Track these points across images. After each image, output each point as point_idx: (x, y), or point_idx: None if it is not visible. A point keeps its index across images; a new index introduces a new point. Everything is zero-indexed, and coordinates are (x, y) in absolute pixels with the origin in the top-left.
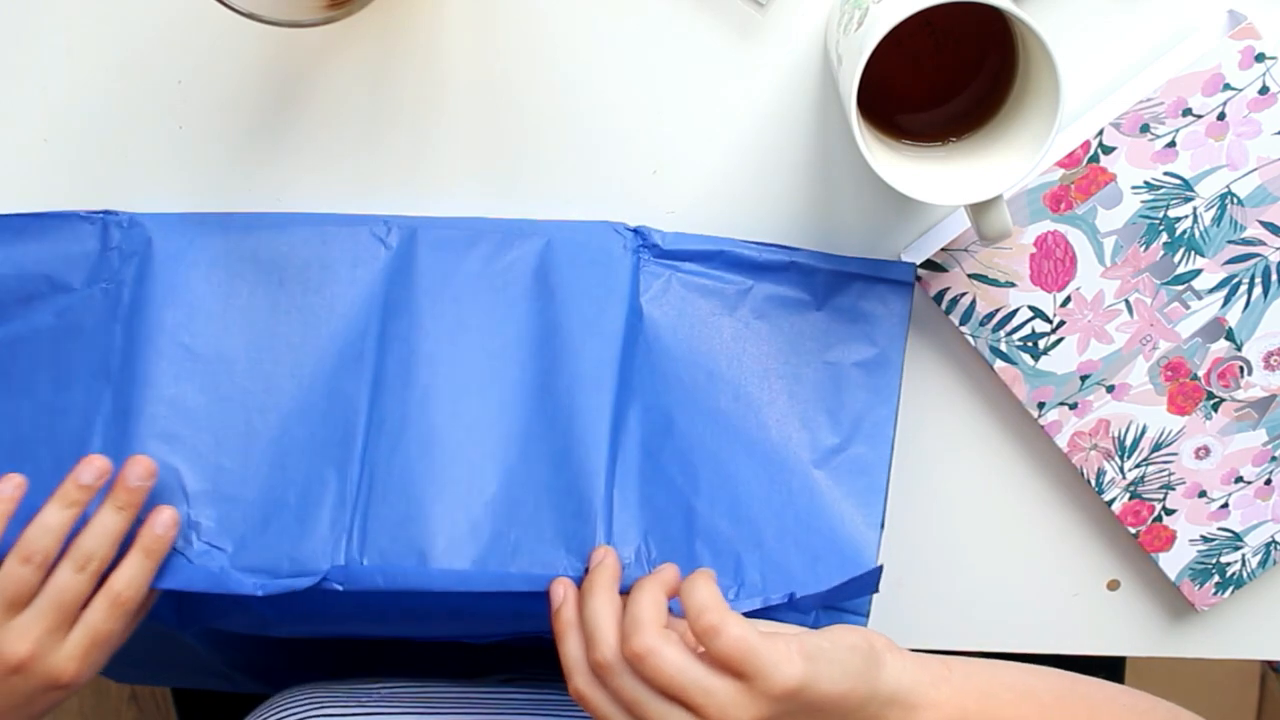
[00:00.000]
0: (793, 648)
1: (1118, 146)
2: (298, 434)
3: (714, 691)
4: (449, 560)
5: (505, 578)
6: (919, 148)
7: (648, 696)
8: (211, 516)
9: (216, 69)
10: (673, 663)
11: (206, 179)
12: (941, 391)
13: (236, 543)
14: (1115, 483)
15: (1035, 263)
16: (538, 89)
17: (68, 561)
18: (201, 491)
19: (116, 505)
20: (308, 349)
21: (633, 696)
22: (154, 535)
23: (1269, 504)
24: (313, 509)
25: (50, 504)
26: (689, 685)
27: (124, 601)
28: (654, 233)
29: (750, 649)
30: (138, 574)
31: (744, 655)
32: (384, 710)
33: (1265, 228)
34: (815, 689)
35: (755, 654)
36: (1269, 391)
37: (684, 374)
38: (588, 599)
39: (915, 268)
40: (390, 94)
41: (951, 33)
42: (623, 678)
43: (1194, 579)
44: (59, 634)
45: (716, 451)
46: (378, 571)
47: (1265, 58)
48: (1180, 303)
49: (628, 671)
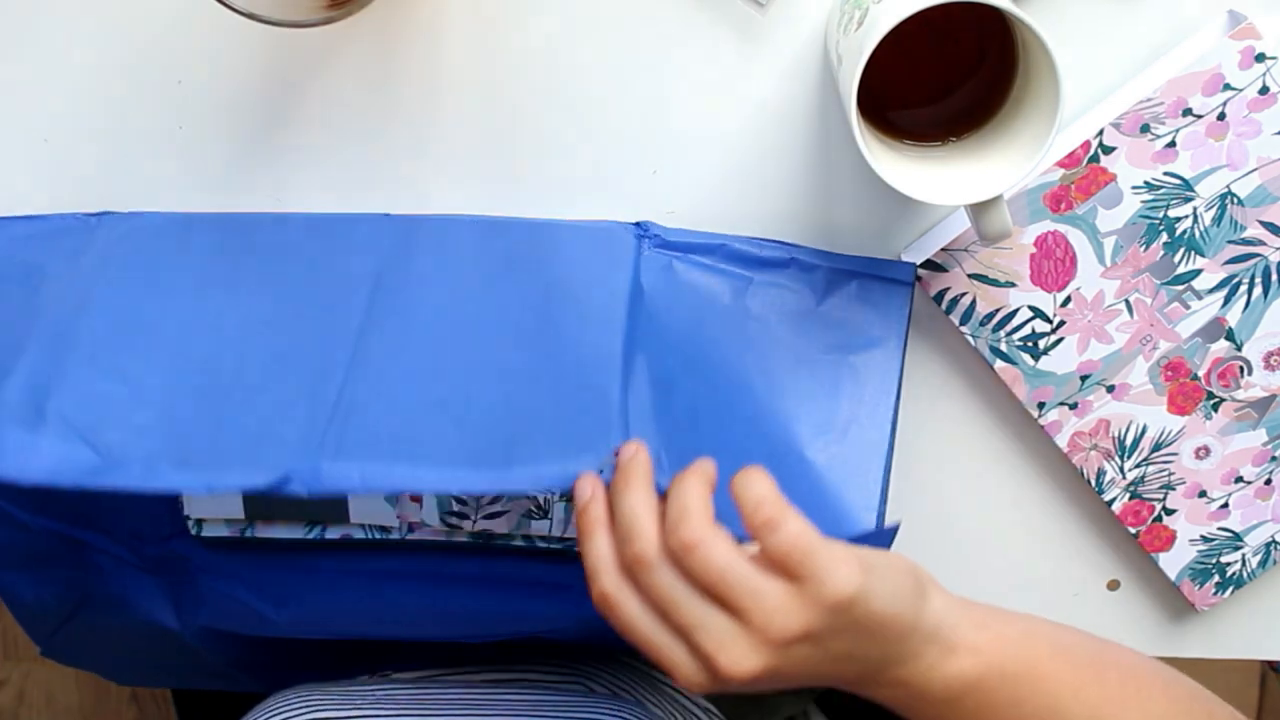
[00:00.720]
0: (852, 554)
1: (1118, 146)
2: (268, 381)
3: (763, 594)
4: (442, 464)
5: (506, 477)
6: (919, 148)
7: (686, 596)
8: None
9: (216, 69)
10: (723, 555)
11: (206, 179)
12: (941, 392)
13: (175, 441)
14: (1115, 483)
15: (1035, 263)
16: (537, 90)
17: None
18: (148, 421)
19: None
20: (289, 319)
21: (669, 596)
22: None
23: (1269, 504)
24: (277, 426)
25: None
26: (737, 583)
27: None
28: (655, 226)
29: (810, 547)
30: None
31: (803, 554)
32: (379, 711)
33: (1265, 228)
34: (868, 604)
35: (815, 554)
36: (1269, 391)
37: (683, 349)
38: (623, 492)
39: (915, 268)
40: (390, 94)
41: (951, 33)
42: (660, 573)
43: (1194, 579)
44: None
45: (716, 420)
46: (354, 470)
47: (1265, 58)
48: (1180, 303)
49: (666, 566)
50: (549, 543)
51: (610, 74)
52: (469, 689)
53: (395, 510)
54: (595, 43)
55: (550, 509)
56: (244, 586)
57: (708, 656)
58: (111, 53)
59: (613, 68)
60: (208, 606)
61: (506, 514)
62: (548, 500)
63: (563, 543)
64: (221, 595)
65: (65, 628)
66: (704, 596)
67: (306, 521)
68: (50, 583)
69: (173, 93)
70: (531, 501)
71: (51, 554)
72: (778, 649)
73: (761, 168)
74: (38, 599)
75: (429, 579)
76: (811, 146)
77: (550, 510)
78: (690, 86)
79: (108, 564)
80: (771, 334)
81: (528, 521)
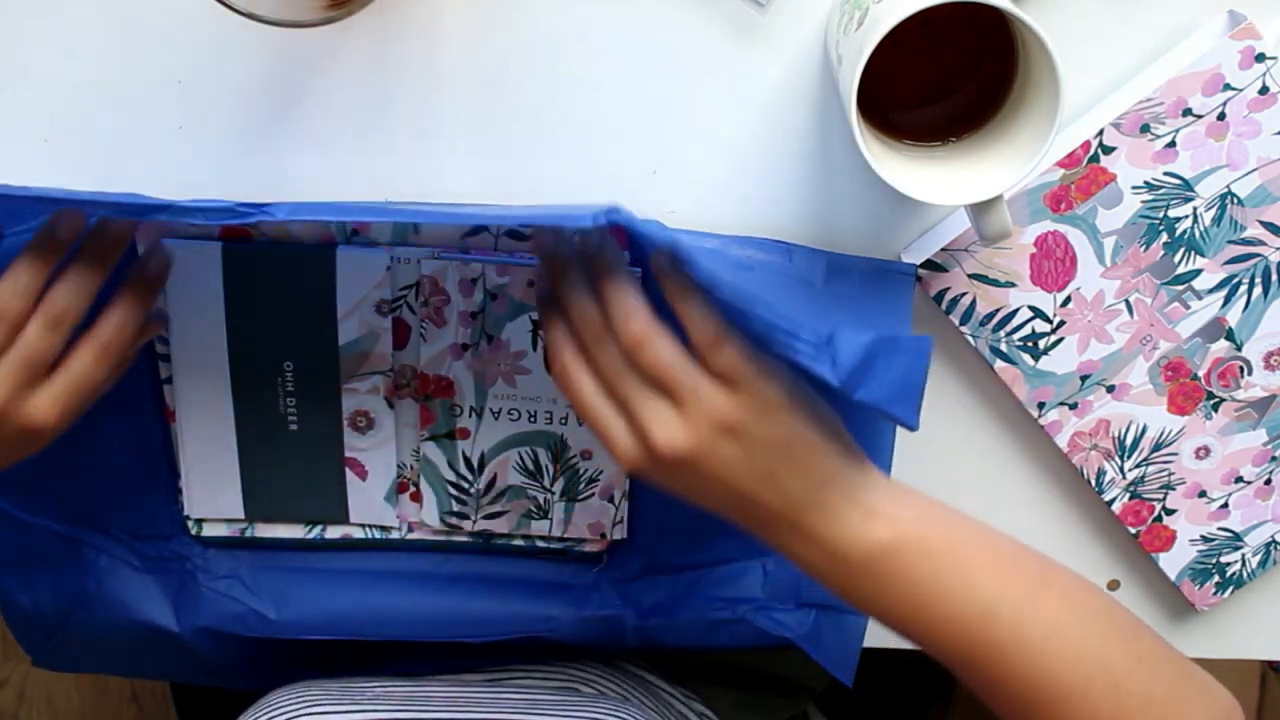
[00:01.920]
0: (788, 380)
1: (1118, 146)
2: None
3: (702, 386)
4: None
5: (506, 217)
6: (919, 148)
7: (632, 377)
8: None
9: (216, 69)
10: (669, 349)
11: (207, 179)
12: (941, 391)
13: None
14: (1115, 483)
15: (1035, 263)
16: (537, 89)
17: (39, 319)
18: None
19: (90, 260)
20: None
21: (617, 372)
22: (144, 278)
23: (1269, 504)
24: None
25: (20, 260)
26: (681, 374)
27: (110, 348)
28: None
29: (754, 365)
30: (125, 319)
31: (747, 366)
32: (376, 708)
33: (1265, 228)
34: (794, 419)
35: (757, 369)
36: (1269, 391)
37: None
38: (580, 287)
39: (915, 268)
40: (389, 94)
41: (951, 32)
42: (612, 353)
43: (1194, 579)
44: (30, 388)
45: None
46: (329, 207)
47: (1265, 58)
48: (1180, 303)
49: (617, 350)
50: (549, 542)
51: (610, 74)
52: (465, 687)
53: (395, 510)
54: (594, 42)
55: (550, 509)
56: (244, 587)
57: (644, 430)
58: (111, 53)
59: (612, 67)
60: (207, 607)
61: (506, 514)
62: (548, 500)
63: (563, 543)
64: (221, 596)
65: (59, 633)
66: (648, 385)
67: (306, 521)
68: (46, 584)
69: (173, 93)
70: (531, 502)
71: (48, 554)
72: (706, 436)
73: (761, 168)
74: (32, 602)
75: (428, 580)
76: (811, 146)
77: (550, 510)
78: (690, 86)
79: (106, 564)
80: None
81: (528, 521)
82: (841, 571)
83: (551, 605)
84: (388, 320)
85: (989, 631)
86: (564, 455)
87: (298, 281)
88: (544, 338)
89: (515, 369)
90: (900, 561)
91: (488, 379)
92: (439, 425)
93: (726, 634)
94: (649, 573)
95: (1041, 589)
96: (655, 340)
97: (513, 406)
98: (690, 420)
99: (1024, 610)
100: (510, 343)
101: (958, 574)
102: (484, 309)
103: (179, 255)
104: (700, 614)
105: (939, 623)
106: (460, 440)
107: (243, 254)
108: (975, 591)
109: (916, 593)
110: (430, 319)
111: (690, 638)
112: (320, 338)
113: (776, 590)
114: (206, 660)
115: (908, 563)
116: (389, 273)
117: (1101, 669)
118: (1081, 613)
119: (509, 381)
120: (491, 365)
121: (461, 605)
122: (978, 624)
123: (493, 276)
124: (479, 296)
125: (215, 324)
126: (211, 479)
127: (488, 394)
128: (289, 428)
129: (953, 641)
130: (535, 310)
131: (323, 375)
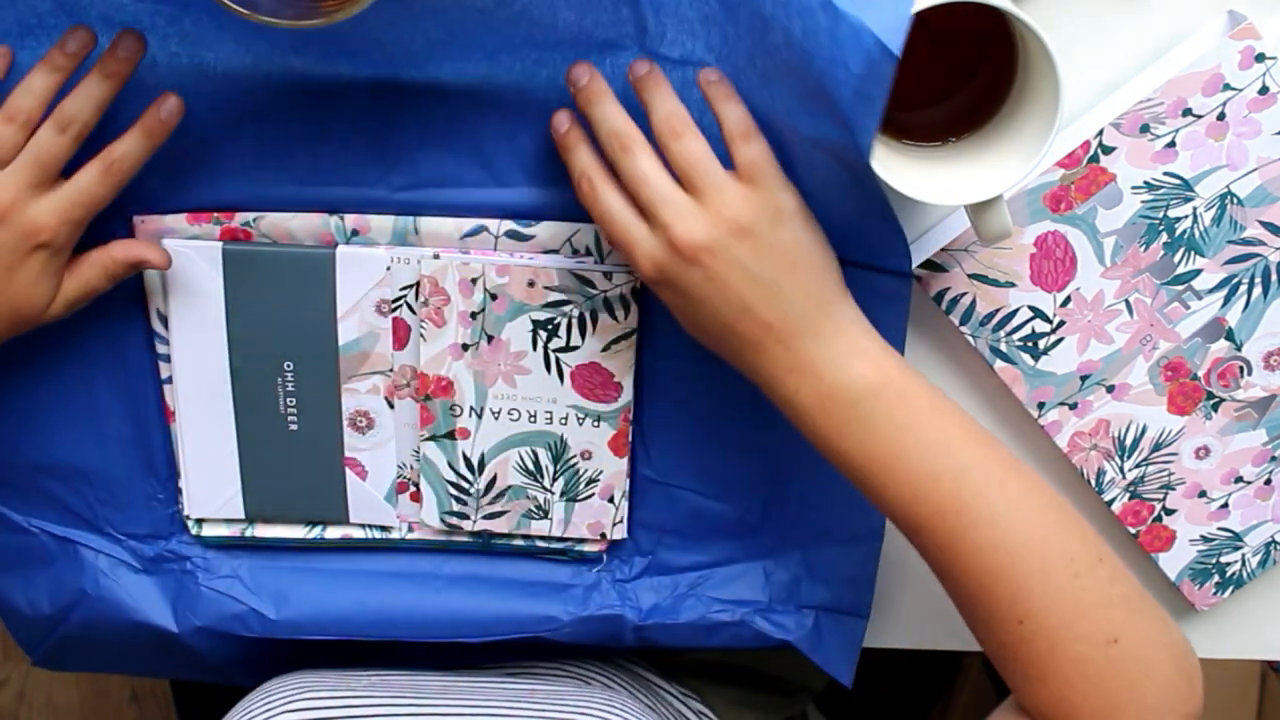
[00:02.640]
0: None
1: (1118, 146)
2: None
3: (726, 185)
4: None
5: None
6: (919, 148)
7: (659, 175)
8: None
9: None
10: (702, 148)
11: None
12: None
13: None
14: (1115, 483)
15: (1035, 263)
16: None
17: (50, 123)
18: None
19: (103, 73)
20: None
21: (646, 172)
22: (158, 119)
23: (1269, 504)
24: None
25: (36, 69)
26: (709, 172)
27: (116, 170)
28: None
29: (773, 167)
30: (134, 149)
31: (766, 167)
32: (372, 697)
33: (1265, 228)
34: (803, 225)
35: (773, 171)
36: (1269, 391)
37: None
38: (601, 100)
39: (912, 274)
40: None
41: (951, 33)
42: (639, 155)
43: (1194, 579)
44: (39, 190)
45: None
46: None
47: (1265, 58)
48: (1180, 303)
49: (646, 151)
50: (549, 543)
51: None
52: (458, 678)
53: (395, 510)
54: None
55: (550, 509)
56: (244, 586)
57: (667, 225)
58: None
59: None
60: (206, 607)
61: (506, 514)
62: (548, 500)
63: (563, 543)
64: (221, 596)
65: (57, 633)
66: (671, 187)
67: (306, 522)
68: (44, 585)
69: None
70: (531, 501)
71: (46, 556)
72: (723, 232)
73: None
74: (30, 603)
75: (428, 580)
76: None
77: (550, 510)
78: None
79: (105, 565)
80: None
81: (528, 521)
82: (829, 407)
83: (551, 606)
84: (388, 320)
85: (959, 492)
86: (564, 455)
87: (298, 282)
88: (568, 166)
89: (515, 369)
90: (880, 404)
91: (488, 379)
92: (439, 425)
93: (726, 635)
94: (649, 574)
95: (1014, 472)
96: (692, 133)
97: (513, 406)
98: (710, 214)
99: (994, 480)
100: (510, 342)
101: (935, 430)
102: (484, 309)
103: (179, 255)
104: (700, 615)
105: (912, 476)
106: (460, 440)
107: (242, 255)
108: (952, 451)
109: (896, 439)
110: (430, 319)
111: (690, 639)
112: (320, 338)
113: (777, 592)
114: (205, 660)
115: (892, 407)
116: (389, 272)
117: (1063, 556)
118: (1048, 502)
119: (509, 381)
120: (491, 365)
121: (461, 606)
122: (950, 483)
123: (493, 276)
124: (479, 296)
125: (215, 324)
126: (211, 479)
127: (488, 393)
128: (289, 428)
129: (922, 499)
130: (535, 309)
131: (323, 375)
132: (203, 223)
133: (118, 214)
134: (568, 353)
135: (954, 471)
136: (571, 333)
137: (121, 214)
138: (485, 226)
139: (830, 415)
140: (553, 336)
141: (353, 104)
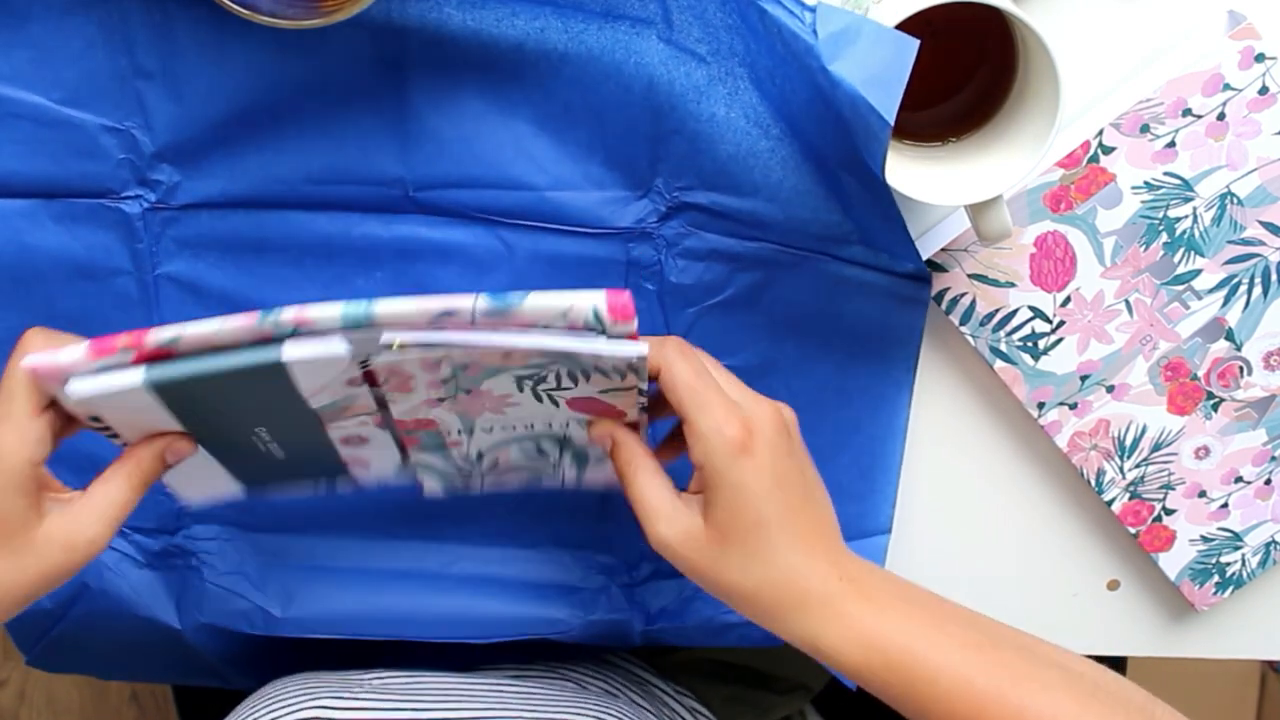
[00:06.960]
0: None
1: (1118, 146)
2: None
3: (765, 401)
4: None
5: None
6: (919, 148)
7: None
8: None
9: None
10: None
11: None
12: (941, 391)
13: None
14: (1115, 483)
15: (1035, 263)
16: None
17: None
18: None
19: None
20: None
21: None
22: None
23: (1269, 504)
24: None
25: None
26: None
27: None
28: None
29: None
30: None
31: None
32: (375, 699)
33: (1265, 228)
34: (799, 448)
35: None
36: (1269, 391)
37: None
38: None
39: (930, 286)
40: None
41: (951, 33)
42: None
43: (1194, 579)
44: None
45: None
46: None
47: (1265, 58)
48: (1180, 303)
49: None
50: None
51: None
52: (457, 680)
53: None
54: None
55: (561, 472)
56: (249, 583)
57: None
58: None
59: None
60: (211, 603)
61: (516, 475)
62: (557, 466)
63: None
64: (226, 592)
65: (55, 630)
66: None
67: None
68: None
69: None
70: (539, 471)
71: None
72: (774, 431)
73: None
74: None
75: (436, 580)
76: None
77: (561, 472)
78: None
79: (109, 559)
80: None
81: (539, 480)
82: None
83: (559, 608)
84: (362, 386)
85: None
86: (569, 444)
87: (248, 387)
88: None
89: (503, 404)
90: (889, 686)
91: (472, 414)
92: (429, 443)
93: (735, 636)
94: (657, 577)
95: (1043, 689)
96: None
97: (505, 424)
98: (769, 413)
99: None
100: (493, 389)
101: (948, 678)
102: (454, 376)
103: (97, 394)
104: (708, 618)
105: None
106: (454, 449)
107: (173, 384)
108: (974, 682)
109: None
110: (397, 389)
111: (698, 640)
112: (293, 409)
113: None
114: (205, 659)
115: (896, 688)
116: (350, 357)
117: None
118: (1090, 691)
119: (497, 412)
120: (475, 405)
121: (468, 606)
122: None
123: (458, 356)
124: (446, 369)
125: (170, 424)
126: (207, 490)
127: (475, 422)
128: (276, 459)
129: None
130: (519, 374)
131: (303, 427)
132: (107, 355)
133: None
134: (561, 391)
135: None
136: (562, 380)
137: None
138: (456, 310)
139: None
140: (540, 384)
141: (370, 102)
